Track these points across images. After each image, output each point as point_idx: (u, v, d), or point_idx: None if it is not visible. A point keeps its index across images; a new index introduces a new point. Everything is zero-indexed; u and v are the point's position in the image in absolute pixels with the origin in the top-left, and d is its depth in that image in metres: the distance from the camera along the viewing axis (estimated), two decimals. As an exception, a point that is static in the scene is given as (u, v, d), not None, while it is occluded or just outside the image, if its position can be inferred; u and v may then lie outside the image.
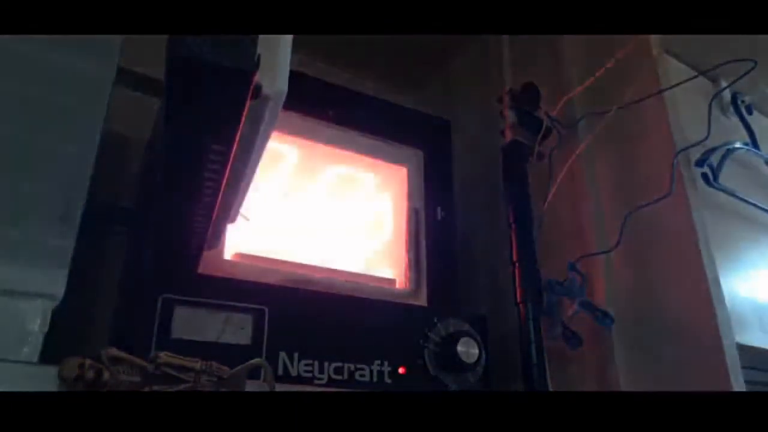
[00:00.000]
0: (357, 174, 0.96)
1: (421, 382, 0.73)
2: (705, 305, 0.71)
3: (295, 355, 0.66)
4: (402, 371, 0.73)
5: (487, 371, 0.77)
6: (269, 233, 1.00)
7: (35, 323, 0.52)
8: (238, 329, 0.65)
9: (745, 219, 0.89)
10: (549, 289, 0.80)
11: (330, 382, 0.67)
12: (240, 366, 0.53)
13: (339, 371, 0.68)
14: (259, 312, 0.66)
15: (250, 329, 0.65)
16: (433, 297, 0.85)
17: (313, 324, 0.70)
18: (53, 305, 0.53)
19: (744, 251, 0.86)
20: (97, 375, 0.46)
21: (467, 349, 0.75)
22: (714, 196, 0.83)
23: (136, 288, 0.66)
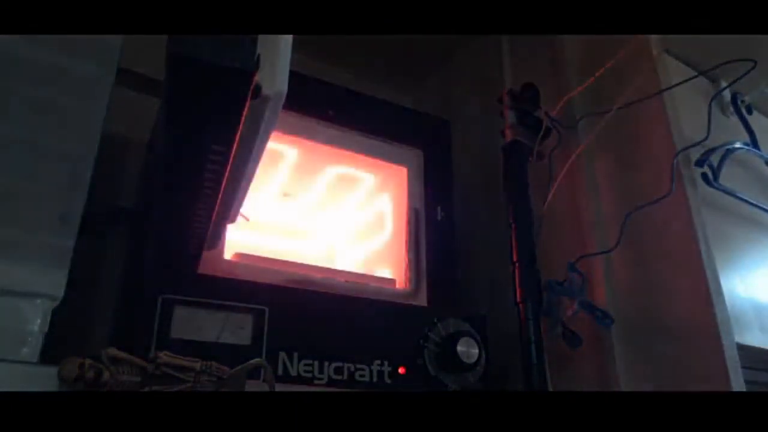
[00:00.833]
0: (357, 174, 0.96)
1: (421, 382, 0.73)
2: (705, 305, 0.71)
3: (295, 355, 0.66)
4: (402, 371, 0.73)
5: (487, 371, 0.77)
6: (269, 233, 1.00)
7: (35, 323, 0.52)
8: (237, 329, 0.65)
9: (745, 219, 0.89)
10: (549, 289, 0.80)
11: (330, 382, 0.67)
12: (240, 366, 0.53)
13: (339, 371, 0.68)
14: (259, 312, 0.66)
15: (249, 329, 0.65)
16: (433, 297, 0.85)
17: (313, 324, 0.70)
18: (53, 305, 0.53)
19: (744, 251, 0.86)
20: (97, 375, 0.46)
21: (467, 349, 0.75)
22: (714, 196, 0.83)
23: (136, 288, 0.66)
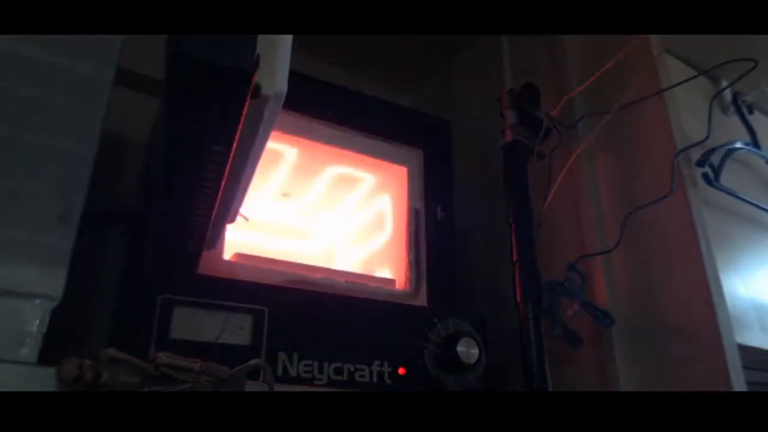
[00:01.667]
0: (357, 174, 0.96)
1: (421, 382, 0.73)
2: (705, 305, 0.71)
3: (295, 356, 0.66)
4: (402, 372, 0.72)
5: (487, 371, 0.77)
6: (269, 233, 1.00)
7: (34, 323, 0.52)
8: (237, 329, 0.65)
9: (746, 219, 0.89)
10: (549, 289, 0.80)
11: (330, 382, 0.67)
12: (239, 366, 0.53)
13: (339, 372, 0.68)
14: (259, 312, 0.66)
15: (249, 329, 0.65)
16: (433, 297, 0.85)
17: (313, 324, 0.70)
18: (52, 305, 0.53)
19: (745, 251, 0.85)
20: (96, 376, 0.46)
21: (467, 349, 0.75)
22: (714, 196, 0.83)
23: (135, 288, 0.66)
